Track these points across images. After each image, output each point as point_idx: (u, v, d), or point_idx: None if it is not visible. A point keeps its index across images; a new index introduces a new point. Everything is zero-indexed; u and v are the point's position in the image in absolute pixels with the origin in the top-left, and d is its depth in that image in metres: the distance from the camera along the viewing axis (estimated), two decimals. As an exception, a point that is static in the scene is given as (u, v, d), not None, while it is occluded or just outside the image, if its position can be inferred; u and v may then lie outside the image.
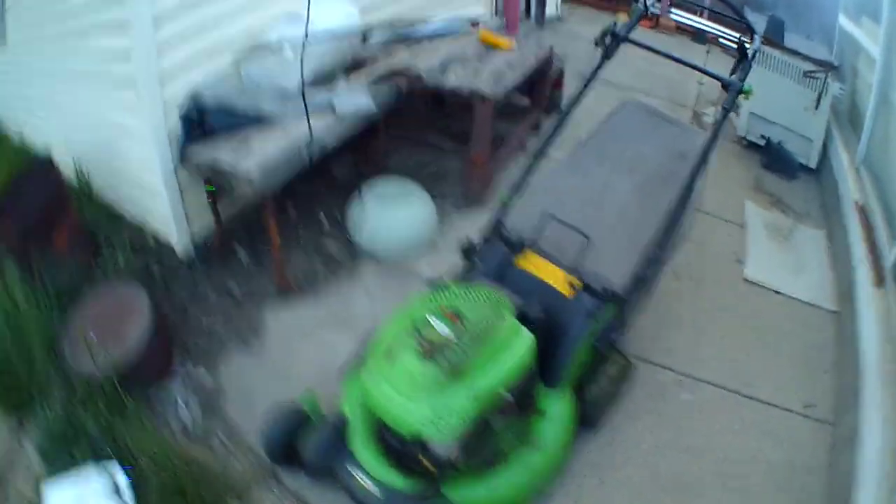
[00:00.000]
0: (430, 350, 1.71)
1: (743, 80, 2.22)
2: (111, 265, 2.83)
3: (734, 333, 2.90)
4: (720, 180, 3.91)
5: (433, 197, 3.23)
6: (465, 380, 1.71)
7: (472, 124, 3.20)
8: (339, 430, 1.97)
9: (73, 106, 3.16)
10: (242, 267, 3.01)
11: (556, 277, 2.11)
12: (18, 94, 3.79)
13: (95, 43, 2.75)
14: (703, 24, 7.58)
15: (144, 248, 2.99)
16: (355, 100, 2.88)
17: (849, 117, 4.42)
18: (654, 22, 7.38)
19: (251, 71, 2.87)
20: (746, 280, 3.23)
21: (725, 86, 2.22)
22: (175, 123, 2.66)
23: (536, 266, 2.15)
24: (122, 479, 2.01)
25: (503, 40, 3.54)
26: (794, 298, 3.17)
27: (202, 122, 2.62)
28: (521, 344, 1.85)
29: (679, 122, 2.85)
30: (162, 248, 3.00)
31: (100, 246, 2.94)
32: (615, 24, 2.35)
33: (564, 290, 2.08)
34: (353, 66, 3.19)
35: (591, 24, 6.80)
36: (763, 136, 4.47)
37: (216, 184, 2.74)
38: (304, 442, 1.99)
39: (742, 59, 2.43)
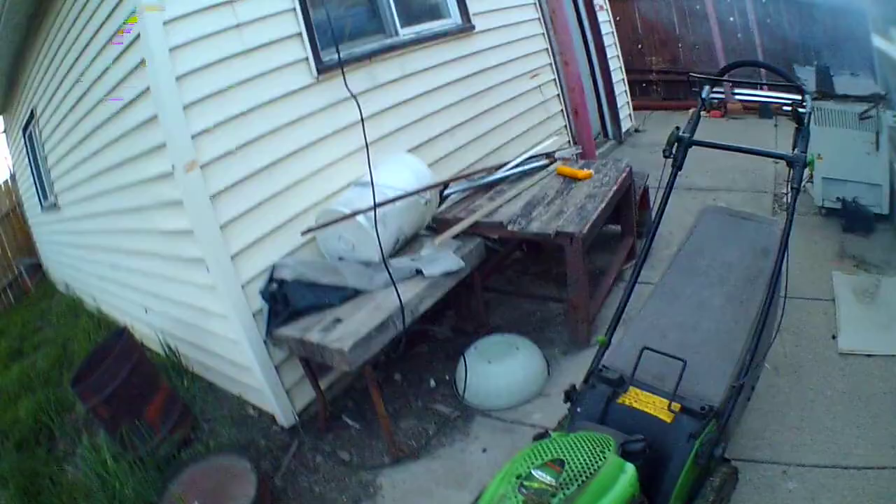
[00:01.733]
0: (537, 500, 1.70)
1: (804, 150, 2.16)
2: (211, 436, 2.85)
3: (834, 410, 2.81)
4: (805, 258, 3.96)
5: (539, 344, 3.20)
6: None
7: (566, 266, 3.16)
8: None
9: (148, 282, 3.30)
10: (352, 435, 2.97)
11: (657, 407, 2.15)
12: (88, 263, 4.01)
13: (156, 222, 2.89)
14: (764, 97, 7.68)
15: (246, 419, 3.00)
16: (442, 262, 2.88)
17: None
18: (723, 109, 7.58)
19: (329, 244, 2.93)
20: (841, 353, 3.11)
21: (791, 162, 2.17)
22: (258, 301, 2.70)
23: (638, 400, 2.19)
24: None
25: (581, 171, 3.55)
26: (888, 356, 3.05)
27: (287, 302, 2.66)
28: (623, 479, 1.84)
29: (756, 216, 2.88)
30: (265, 420, 3.00)
31: (197, 418, 2.98)
32: (677, 128, 2.37)
33: (665, 416, 2.11)
34: (435, 225, 3.27)
35: (668, 127, 6.86)
36: (839, 199, 4.33)
37: (310, 358, 2.72)
38: None
39: (799, 125, 2.33)
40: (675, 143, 2.36)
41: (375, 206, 2.79)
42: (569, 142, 4.59)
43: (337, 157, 3.12)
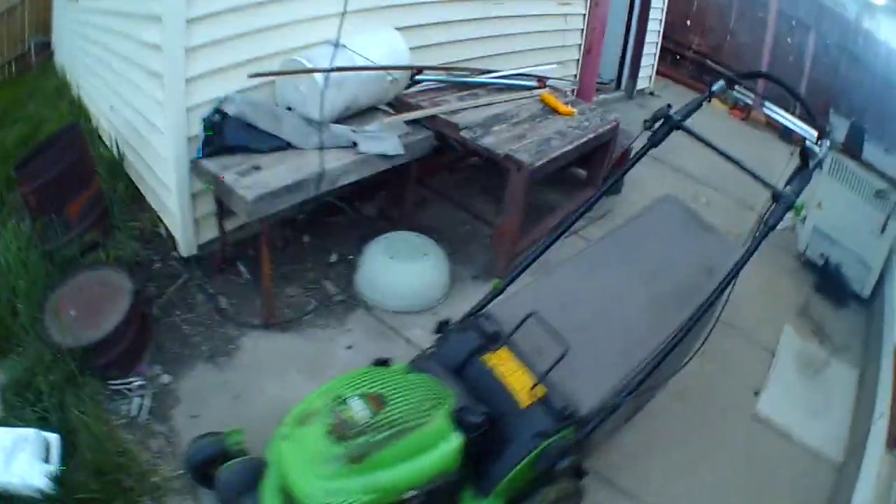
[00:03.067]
0: (341, 431, 1.65)
1: (798, 192, 1.95)
2: (117, 246, 2.94)
3: (722, 472, 2.63)
4: (765, 297, 3.70)
5: (454, 259, 3.15)
6: (367, 470, 1.64)
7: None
8: (257, 472, 1.95)
9: (118, 84, 3.30)
10: (240, 285, 3.03)
11: (521, 383, 1.95)
12: (82, 53, 4.00)
13: (135, 31, 2.87)
14: (792, 123, 7.27)
15: (154, 238, 3.09)
16: (383, 142, 2.85)
17: None
18: (746, 114, 7.27)
19: (285, 93, 2.90)
20: (757, 415, 2.94)
21: (776, 196, 1.97)
22: (197, 129, 2.72)
23: (505, 366, 1.99)
24: (55, 447, 2.11)
25: (564, 106, 3.44)
26: (801, 443, 2.87)
27: (222, 136, 2.68)
28: (444, 447, 1.74)
29: (716, 230, 2.62)
30: (168, 245, 3.08)
31: (112, 224, 3.06)
32: (669, 106, 2.21)
33: (524, 398, 1.93)
34: (395, 106, 3.20)
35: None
36: (823, 255, 4.12)
37: (220, 199, 2.80)
38: (219, 474, 1.99)
39: (803, 166, 2.12)
40: (660, 119, 2.19)
41: (333, 68, 2.74)
42: (575, 76, 4.43)
43: (324, 14, 2.99)
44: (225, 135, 2.69)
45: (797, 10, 7.87)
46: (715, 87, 2.27)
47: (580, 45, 4.61)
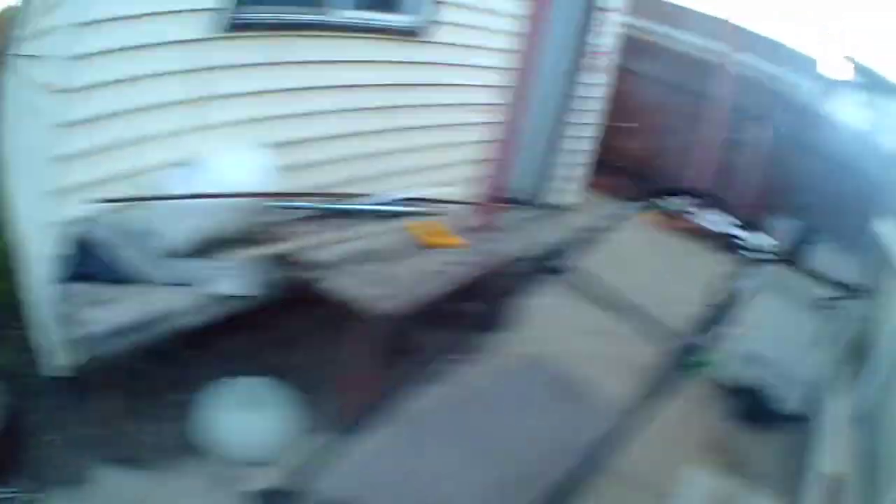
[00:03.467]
0: None
1: (704, 341, 1.66)
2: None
3: None
4: (667, 434, 3.17)
5: (306, 408, 2.90)
6: None
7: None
8: None
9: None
10: (100, 414, 2.81)
11: None
12: None
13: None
14: (731, 235, 6.96)
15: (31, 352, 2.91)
16: (234, 280, 2.74)
17: (859, 361, 3.57)
18: (684, 224, 6.74)
19: (136, 220, 2.82)
20: None
21: (684, 349, 1.65)
22: (57, 249, 2.63)
23: None
24: None
25: (450, 238, 3.22)
26: None
27: (75, 261, 2.63)
28: None
29: (588, 396, 2.40)
30: (42, 362, 2.90)
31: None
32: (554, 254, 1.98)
33: None
34: (255, 237, 3.00)
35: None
36: (742, 377, 3.76)
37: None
38: None
39: (726, 304, 1.80)
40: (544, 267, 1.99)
41: (188, 195, 2.68)
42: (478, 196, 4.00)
43: (182, 128, 2.89)
44: (77, 260, 2.65)
45: (749, 100, 7.60)
46: (631, 209, 2.14)
47: (489, 159, 4.15)
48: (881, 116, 13.68)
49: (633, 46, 7.78)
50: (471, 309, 3.37)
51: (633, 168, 7.84)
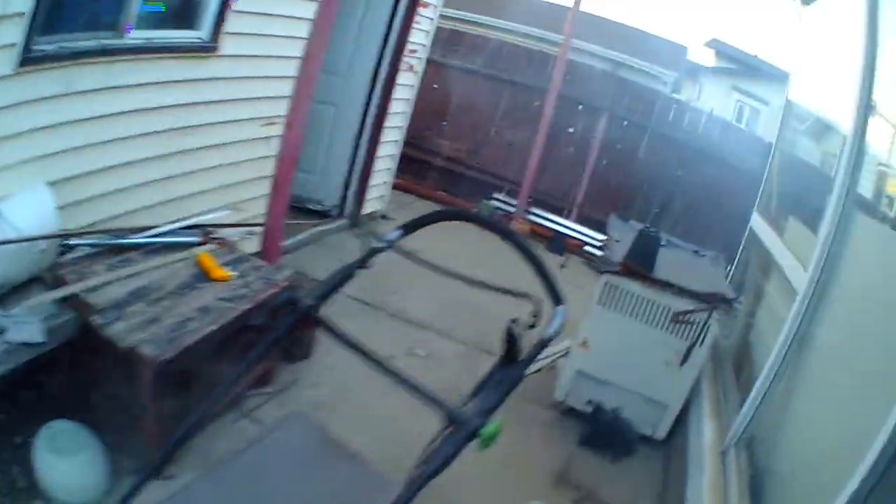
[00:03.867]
0: None
1: (490, 411, 1.29)
2: None
3: None
4: (504, 470, 2.90)
5: (119, 450, 2.76)
6: None
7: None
8: None
9: None
10: None
11: None
12: None
13: None
14: (564, 228, 6.96)
15: None
16: (25, 328, 2.59)
17: (733, 372, 3.38)
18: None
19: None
20: None
21: (452, 419, 1.29)
22: None
23: None
24: None
25: (218, 269, 3.07)
26: None
27: None
28: None
29: (358, 458, 1.99)
30: None
31: None
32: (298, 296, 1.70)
33: None
34: (44, 280, 2.85)
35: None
36: (591, 402, 3.41)
37: None
38: None
39: (510, 348, 1.51)
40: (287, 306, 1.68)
41: None
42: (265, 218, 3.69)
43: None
44: None
45: (582, 88, 7.18)
46: (392, 236, 1.75)
47: (277, 174, 3.75)
48: (747, 102, 14.21)
49: (450, 38, 7.80)
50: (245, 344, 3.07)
51: (444, 168, 7.62)
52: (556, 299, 1.50)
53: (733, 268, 4.49)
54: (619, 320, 3.26)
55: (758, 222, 3.99)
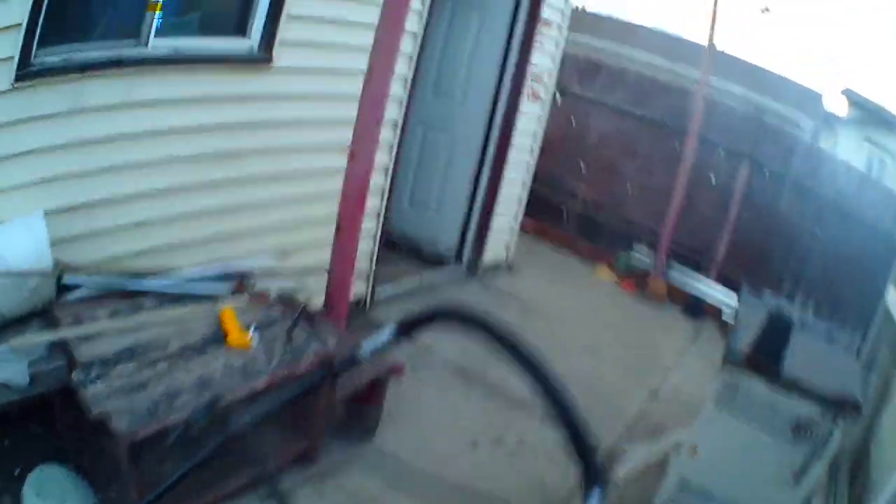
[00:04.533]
0: None
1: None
2: None
3: None
4: None
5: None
6: None
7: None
8: None
9: None
10: None
11: None
12: None
13: None
14: (706, 288, 6.21)
15: None
16: (7, 367, 2.27)
17: (847, 483, 3.04)
18: (644, 284, 6.02)
19: None
20: None
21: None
22: None
23: None
24: None
25: (239, 333, 2.48)
26: None
27: None
28: None
29: None
30: None
31: None
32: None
33: None
34: (50, 314, 2.49)
35: (549, 279, 5.45)
36: None
37: None
38: None
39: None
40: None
41: None
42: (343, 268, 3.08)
43: None
44: None
45: (722, 131, 6.46)
46: (382, 339, 1.27)
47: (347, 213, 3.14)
48: (878, 154, 12.67)
49: (587, 69, 7.12)
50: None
51: (581, 212, 6.95)
52: (590, 475, 1.03)
53: (860, 349, 3.94)
54: (734, 425, 2.88)
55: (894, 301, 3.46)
